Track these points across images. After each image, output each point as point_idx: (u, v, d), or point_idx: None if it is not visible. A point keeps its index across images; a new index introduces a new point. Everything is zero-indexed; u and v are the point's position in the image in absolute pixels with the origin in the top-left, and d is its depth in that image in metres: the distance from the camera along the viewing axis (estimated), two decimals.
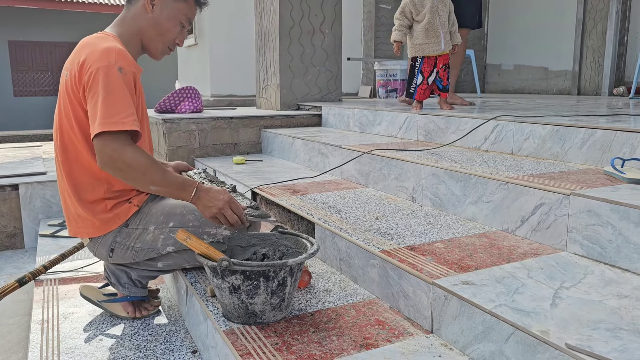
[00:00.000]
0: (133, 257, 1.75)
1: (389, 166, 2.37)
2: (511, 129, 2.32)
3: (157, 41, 1.77)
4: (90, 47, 1.62)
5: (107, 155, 1.49)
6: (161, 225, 1.72)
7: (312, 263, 1.95)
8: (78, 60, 1.59)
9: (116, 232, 1.70)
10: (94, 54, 1.57)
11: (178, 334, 1.76)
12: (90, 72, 1.53)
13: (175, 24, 1.76)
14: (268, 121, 3.96)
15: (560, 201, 1.55)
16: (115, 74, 1.53)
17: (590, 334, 1.05)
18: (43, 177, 3.28)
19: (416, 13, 3.27)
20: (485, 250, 1.58)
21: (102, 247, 1.72)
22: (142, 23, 1.73)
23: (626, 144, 1.84)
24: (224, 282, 1.41)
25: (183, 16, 1.76)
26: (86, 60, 1.57)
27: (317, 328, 1.40)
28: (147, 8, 1.71)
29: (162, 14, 1.73)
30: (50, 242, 2.79)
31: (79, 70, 1.58)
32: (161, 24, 1.74)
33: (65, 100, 1.64)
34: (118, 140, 1.49)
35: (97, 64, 1.54)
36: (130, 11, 1.75)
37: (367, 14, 7.16)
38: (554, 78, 6.07)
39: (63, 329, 1.80)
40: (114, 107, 1.50)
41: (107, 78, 1.52)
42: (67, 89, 1.63)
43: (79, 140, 1.64)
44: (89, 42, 1.66)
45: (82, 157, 1.66)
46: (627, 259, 1.38)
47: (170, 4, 1.73)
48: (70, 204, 1.71)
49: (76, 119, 1.63)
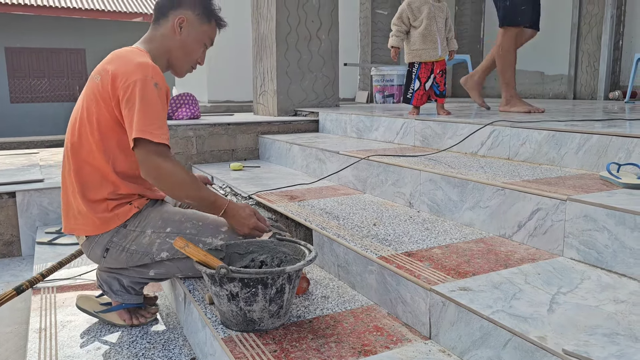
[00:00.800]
0: (126, 261, 1.75)
1: (386, 172, 2.38)
2: (507, 134, 2.33)
3: (183, 61, 1.86)
4: (124, 59, 1.69)
5: (149, 166, 1.59)
6: (158, 229, 1.74)
7: (310, 270, 1.95)
8: (112, 70, 1.65)
9: (113, 232, 1.72)
10: (130, 66, 1.64)
11: (176, 342, 1.76)
12: (128, 84, 1.60)
13: (200, 45, 1.86)
14: (265, 127, 3.96)
15: (557, 206, 1.56)
16: (152, 88, 1.62)
17: (587, 339, 1.05)
18: (40, 185, 3.28)
19: (413, 19, 3.29)
20: (483, 256, 1.58)
21: (98, 246, 1.73)
22: (170, 44, 1.82)
23: (622, 149, 1.85)
24: (222, 289, 1.41)
25: (207, 38, 1.87)
26: (122, 72, 1.63)
27: (316, 335, 1.41)
28: (175, 30, 1.81)
29: (189, 36, 1.82)
30: (48, 250, 2.78)
31: (112, 79, 1.64)
32: (188, 46, 1.83)
33: (92, 102, 1.69)
34: (160, 152, 1.60)
35: (135, 76, 1.61)
36: (159, 31, 1.83)
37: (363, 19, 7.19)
38: (549, 82, 6.10)
39: (61, 337, 1.80)
40: (152, 119, 1.59)
41: (144, 90, 1.60)
42: (96, 92, 1.68)
43: (95, 141, 1.69)
44: (123, 55, 1.73)
45: (94, 158, 1.70)
46: (623, 264, 1.39)
47: (197, 27, 1.83)
48: (73, 200, 1.73)
49: (98, 121, 1.68)
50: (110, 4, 13.61)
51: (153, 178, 1.62)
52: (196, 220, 1.77)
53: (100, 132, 1.68)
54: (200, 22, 1.83)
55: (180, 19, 1.80)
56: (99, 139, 1.68)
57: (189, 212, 1.81)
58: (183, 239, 1.49)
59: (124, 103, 1.61)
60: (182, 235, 1.72)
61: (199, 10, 1.83)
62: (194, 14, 1.82)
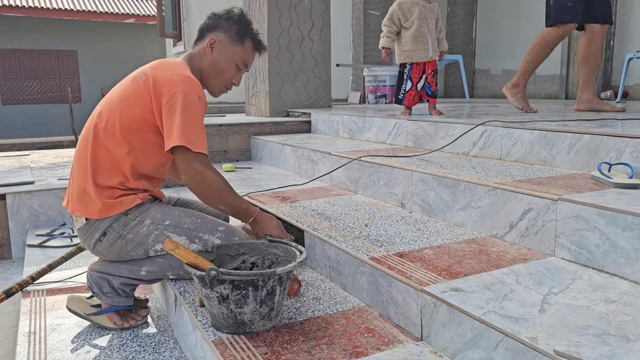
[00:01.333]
0: (119, 250, 1.76)
1: (378, 172, 2.38)
2: (499, 134, 2.33)
3: (215, 80, 1.93)
4: (171, 69, 1.78)
5: (192, 172, 1.69)
6: (157, 221, 1.76)
7: (302, 271, 1.94)
8: (158, 76, 1.73)
9: (114, 219, 1.75)
10: (175, 77, 1.73)
11: (167, 345, 1.75)
12: (174, 92, 1.68)
13: (231, 66, 1.91)
14: (257, 128, 3.95)
15: (548, 206, 1.56)
16: (196, 100, 1.71)
17: (578, 339, 1.05)
18: (31, 187, 3.25)
19: (404, 20, 3.29)
20: (474, 257, 1.58)
21: (97, 230, 1.75)
22: (203, 63, 1.90)
23: (613, 149, 1.85)
24: (213, 291, 1.40)
25: (239, 59, 1.92)
26: (167, 80, 1.71)
27: (307, 337, 1.40)
28: (206, 50, 1.89)
29: (220, 56, 1.89)
30: (38, 253, 2.76)
31: (157, 84, 1.71)
32: (218, 65, 1.90)
33: (130, 96, 1.75)
34: (201, 161, 1.70)
35: (180, 87, 1.69)
36: (196, 49, 1.93)
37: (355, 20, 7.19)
38: (542, 82, 6.12)
39: (50, 340, 1.78)
40: (193, 128, 1.68)
41: (188, 100, 1.69)
42: (136, 90, 1.74)
43: (122, 131, 1.74)
44: (169, 65, 1.82)
45: (114, 146, 1.74)
46: (614, 264, 1.39)
47: (228, 48, 1.90)
48: (82, 181, 1.76)
49: (131, 115, 1.73)
50: (102, 5, 13.55)
51: (194, 184, 1.71)
52: (195, 217, 1.81)
53: (130, 126, 1.74)
54: (232, 43, 1.89)
55: (212, 40, 1.88)
56: (127, 131, 1.74)
57: (188, 209, 1.85)
58: (173, 240, 1.48)
59: (166, 108, 1.68)
60: (180, 229, 1.76)
61: (232, 33, 1.90)
62: (226, 36, 1.90)
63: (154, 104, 1.71)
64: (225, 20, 1.92)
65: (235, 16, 1.93)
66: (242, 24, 1.92)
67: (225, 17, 1.93)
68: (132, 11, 13.69)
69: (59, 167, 4.01)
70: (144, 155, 1.77)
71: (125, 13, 13.50)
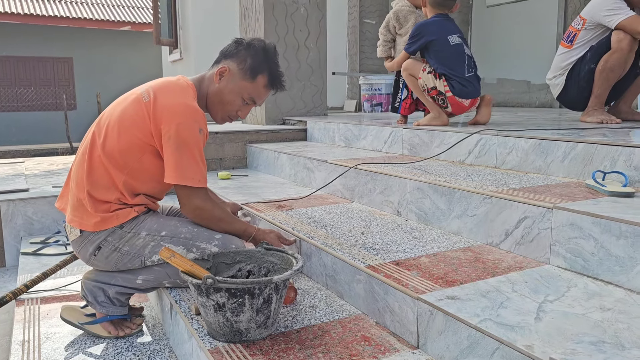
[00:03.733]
0: (116, 262, 1.75)
1: (374, 180, 2.38)
2: (494, 143, 2.34)
3: (218, 109, 1.89)
4: (174, 95, 1.74)
5: (193, 207, 1.74)
6: (153, 232, 1.76)
7: (298, 279, 1.94)
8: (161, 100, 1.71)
9: (109, 232, 1.73)
10: (177, 106, 1.70)
11: (162, 353, 1.74)
12: (174, 124, 1.67)
13: (236, 99, 1.86)
14: (253, 136, 3.96)
15: (543, 214, 1.57)
16: (196, 134, 1.70)
17: (574, 347, 1.05)
18: (25, 194, 3.23)
19: (399, 27, 3.31)
20: (470, 265, 1.58)
21: (91, 244, 1.74)
22: (210, 88, 1.86)
23: (607, 157, 1.87)
24: (209, 300, 1.40)
25: (246, 94, 1.86)
26: (168, 108, 1.69)
27: (303, 345, 1.39)
28: (215, 78, 1.85)
29: (226, 86, 1.84)
30: (32, 260, 2.74)
31: (155, 110, 1.69)
32: (224, 95, 1.85)
33: (131, 116, 1.72)
34: (200, 196, 1.74)
35: (181, 119, 1.68)
36: (209, 73, 1.89)
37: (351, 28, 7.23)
38: (536, 91, 6.16)
39: (44, 349, 1.77)
40: (193, 164, 1.69)
41: (188, 134, 1.68)
42: (138, 109, 1.72)
43: (120, 152, 1.72)
44: (174, 89, 1.77)
45: (110, 165, 1.73)
46: (609, 272, 1.39)
47: (237, 81, 1.84)
48: (78, 192, 1.75)
49: (130, 136, 1.71)
50: (98, 12, 13.56)
51: (194, 217, 1.78)
52: (191, 226, 1.80)
53: (129, 146, 1.72)
54: (242, 77, 1.83)
55: (222, 69, 1.83)
56: (126, 151, 1.72)
57: (184, 219, 1.84)
58: (169, 249, 1.48)
59: (165, 138, 1.67)
60: (177, 239, 1.76)
61: (245, 66, 1.83)
62: (238, 68, 1.83)
63: (154, 129, 1.69)
64: (244, 50, 1.85)
65: (256, 47, 1.85)
66: (259, 58, 1.84)
67: (245, 47, 1.85)
68: (128, 19, 13.71)
69: (53, 175, 3.99)
70: (142, 177, 1.76)
71: (121, 20, 13.52)
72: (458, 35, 2.94)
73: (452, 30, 2.94)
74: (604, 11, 2.72)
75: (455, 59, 2.89)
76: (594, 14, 2.78)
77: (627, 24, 2.63)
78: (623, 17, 2.64)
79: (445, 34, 2.90)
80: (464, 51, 2.92)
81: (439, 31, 2.91)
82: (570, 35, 2.92)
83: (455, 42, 2.91)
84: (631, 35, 2.65)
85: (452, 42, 2.90)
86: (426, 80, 2.95)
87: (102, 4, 14.14)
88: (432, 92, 2.95)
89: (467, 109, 2.98)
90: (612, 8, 2.69)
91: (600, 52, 2.77)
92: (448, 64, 2.88)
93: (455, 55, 2.89)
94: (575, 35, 2.89)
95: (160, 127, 1.68)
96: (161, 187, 1.84)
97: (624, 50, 2.67)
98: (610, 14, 2.69)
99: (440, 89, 2.90)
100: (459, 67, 2.88)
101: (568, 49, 2.92)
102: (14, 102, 13.41)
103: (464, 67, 2.89)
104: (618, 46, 2.68)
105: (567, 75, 2.96)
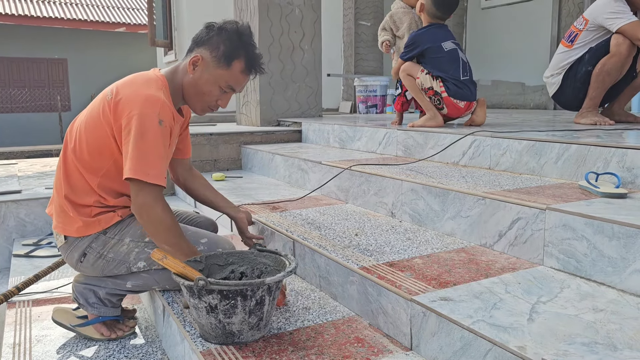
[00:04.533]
0: (102, 268, 1.73)
1: (368, 182, 2.38)
2: (488, 144, 2.34)
3: (196, 100, 1.77)
4: (135, 86, 1.64)
5: (139, 203, 1.57)
6: (137, 238, 1.72)
7: (292, 281, 1.93)
8: (122, 95, 1.61)
9: (93, 238, 1.70)
10: (137, 97, 1.59)
11: (155, 355, 1.72)
12: (132, 115, 1.56)
13: (214, 88, 1.74)
14: (248, 137, 3.95)
15: (537, 216, 1.57)
16: (156, 125, 1.57)
17: (566, 348, 1.05)
18: (17, 196, 3.21)
19: (395, 29, 3.32)
20: (464, 266, 1.58)
21: (76, 250, 1.71)
22: (184, 80, 1.74)
23: (600, 159, 1.87)
24: (201, 301, 1.39)
25: (223, 82, 1.73)
26: (129, 100, 1.59)
27: (296, 347, 1.39)
28: (188, 68, 1.72)
29: (201, 77, 1.72)
30: (25, 263, 2.72)
31: (116, 105, 1.60)
32: (199, 86, 1.73)
33: (97, 116, 1.66)
34: (152, 193, 1.56)
35: (138, 109, 1.56)
36: (182, 64, 1.76)
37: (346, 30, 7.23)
38: (530, 93, 6.18)
39: (35, 352, 1.75)
40: (149, 158, 1.55)
41: (146, 126, 1.55)
42: (104, 108, 1.64)
43: (90, 153, 1.67)
44: (137, 81, 1.68)
45: (83, 169, 1.69)
46: (602, 273, 1.39)
47: (211, 69, 1.71)
48: (60, 199, 1.72)
49: (99, 136, 1.65)
50: (93, 13, 13.52)
51: (139, 217, 1.60)
52: None
53: (98, 148, 1.66)
54: (217, 64, 1.70)
55: (195, 58, 1.70)
56: (96, 153, 1.66)
57: None
58: (161, 250, 1.46)
59: (124, 132, 1.57)
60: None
61: (219, 53, 1.70)
62: (212, 55, 1.70)
63: (115, 125, 1.60)
64: (217, 35, 1.71)
65: (228, 31, 1.72)
66: (233, 42, 1.71)
67: (217, 32, 1.72)
68: (123, 20, 13.68)
69: (46, 176, 3.97)
70: (118, 178, 1.66)
71: (116, 22, 13.48)
72: (452, 41, 3.01)
73: (445, 37, 3.01)
74: (606, 14, 2.73)
75: (451, 63, 2.96)
76: (596, 16, 2.78)
77: (629, 29, 2.64)
78: (625, 22, 2.65)
79: (439, 41, 2.98)
80: (459, 56, 2.98)
81: (433, 39, 2.98)
82: (571, 35, 2.93)
83: (450, 48, 2.98)
84: (631, 40, 2.65)
85: (446, 48, 2.97)
86: (424, 81, 3.01)
87: (96, 5, 14.09)
88: (429, 92, 3.01)
89: (462, 111, 3.01)
90: (615, 11, 2.69)
91: (599, 55, 2.78)
92: (443, 67, 2.95)
93: (450, 59, 2.96)
94: (576, 36, 2.90)
95: (120, 122, 1.58)
96: None
97: (622, 54, 2.68)
98: (612, 17, 2.70)
99: (437, 89, 2.96)
100: (454, 70, 2.94)
101: (568, 49, 2.94)
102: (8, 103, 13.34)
103: (459, 70, 2.95)
104: (617, 50, 2.69)
105: (564, 75, 2.97)
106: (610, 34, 2.74)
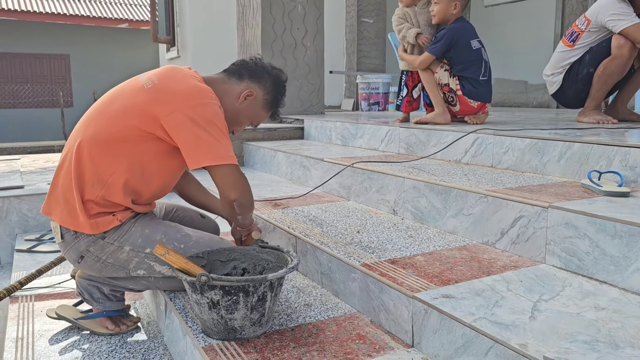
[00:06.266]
0: (100, 270, 1.71)
1: (370, 179, 2.38)
2: (491, 142, 2.34)
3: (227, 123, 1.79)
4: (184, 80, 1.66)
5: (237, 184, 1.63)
6: (137, 248, 1.67)
7: (294, 277, 1.94)
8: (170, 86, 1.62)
9: (91, 242, 1.65)
10: (192, 88, 1.63)
11: (157, 351, 1.73)
12: (196, 104, 1.58)
13: (247, 121, 1.88)
14: (250, 134, 3.95)
15: (539, 214, 1.57)
16: (219, 112, 1.63)
17: (568, 346, 1.05)
18: (20, 191, 3.22)
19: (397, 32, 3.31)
20: (466, 263, 1.58)
21: (73, 251, 1.68)
22: (227, 103, 1.76)
23: (602, 157, 1.87)
24: (203, 297, 1.39)
25: (256, 120, 1.89)
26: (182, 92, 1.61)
27: (298, 343, 1.39)
28: (239, 98, 1.80)
29: (246, 109, 1.82)
30: (27, 258, 2.73)
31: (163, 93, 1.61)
32: (240, 116, 1.83)
33: (129, 104, 1.63)
34: (237, 170, 1.64)
35: (199, 99, 1.60)
36: (227, 84, 1.80)
37: (349, 27, 7.22)
38: (533, 91, 6.17)
39: (38, 346, 1.76)
40: (224, 143, 1.60)
41: (212, 114, 1.60)
42: (140, 95, 1.63)
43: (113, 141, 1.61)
44: (180, 75, 1.69)
45: (102, 157, 1.62)
46: (604, 271, 1.39)
47: (256, 108, 1.85)
48: (62, 184, 1.66)
49: (125, 125, 1.61)
50: (95, 10, 13.52)
51: (239, 193, 1.64)
52: (179, 241, 1.70)
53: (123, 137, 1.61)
54: (262, 106, 1.85)
55: (250, 92, 1.80)
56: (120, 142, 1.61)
57: (171, 232, 1.72)
58: (163, 246, 1.46)
59: (187, 123, 1.56)
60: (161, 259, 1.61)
61: (269, 96, 1.85)
62: (263, 98, 1.84)
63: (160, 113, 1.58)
64: (271, 80, 1.85)
65: (282, 83, 1.89)
66: (280, 94, 1.89)
67: (273, 78, 1.86)
68: (126, 16, 13.68)
69: (49, 172, 3.98)
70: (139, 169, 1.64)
71: (119, 18, 13.49)
72: (478, 40, 3.06)
73: (473, 34, 3.06)
74: (609, 15, 2.72)
75: (474, 62, 3.01)
76: (599, 17, 2.77)
77: (632, 32, 2.63)
78: (628, 24, 2.65)
79: (469, 39, 3.03)
80: (482, 56, 3.04)
81: (466, 35, 3.03)
82: (573, 35, 2.92)
83: (476, 47, 3.04)
84: (633, 42, 2.65)
85: (473, 47, 3.03)
86: (442, 76, 3.07)
87: (99, 1, 14.10)
88: (444, 88, 3.07)
89: (475, 110, 3.07)
90: (618, 13, 2.68)
91: (599, 57, 2.77)
92: (466, 66, 3.01)
93: (474, 59, 3.02)
94: (578, 36, 2.89)
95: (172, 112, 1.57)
96: (166, 184, 1.76)
97: (624, 57, 2.68)
98: (615, 18, 2.69)
99: (453, 86, 3.03)
100: (475, 70, 3.00)
101: (570, 48, 2.93)
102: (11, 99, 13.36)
103: (480, 70, 3.02)
104: (618, 52, 2.68)
105: (565, 74, 2.96)
106: (611, 34, 2.74)
